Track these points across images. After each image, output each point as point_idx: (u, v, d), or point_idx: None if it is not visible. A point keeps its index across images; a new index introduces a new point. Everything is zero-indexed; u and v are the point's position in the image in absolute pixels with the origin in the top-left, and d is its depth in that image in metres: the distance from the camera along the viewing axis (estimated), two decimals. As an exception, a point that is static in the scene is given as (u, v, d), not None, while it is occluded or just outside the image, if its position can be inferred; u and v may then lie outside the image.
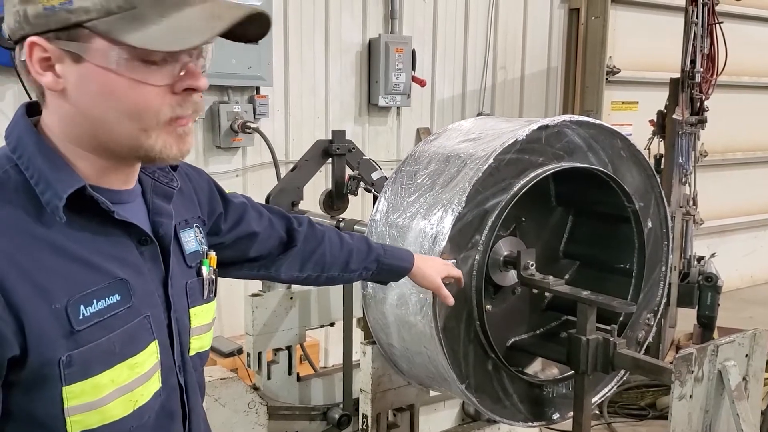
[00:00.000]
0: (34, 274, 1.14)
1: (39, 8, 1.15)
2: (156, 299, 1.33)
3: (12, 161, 1.21)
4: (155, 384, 1.32)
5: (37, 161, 1.20)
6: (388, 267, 2.08)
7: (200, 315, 1.47)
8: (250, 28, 1.24)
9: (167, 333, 1.36)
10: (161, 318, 1.34)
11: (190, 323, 1.44)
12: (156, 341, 1.31)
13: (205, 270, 1.49)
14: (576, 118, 2.60)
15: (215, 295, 1.54)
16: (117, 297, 1.24)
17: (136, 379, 1.27)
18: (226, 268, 1.77)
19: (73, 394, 1.19)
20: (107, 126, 1.20)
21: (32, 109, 1.29)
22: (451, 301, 2.18)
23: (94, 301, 1.20)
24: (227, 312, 5.21)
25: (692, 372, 2.31)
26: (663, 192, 2.87)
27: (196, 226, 1.52)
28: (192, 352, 1.45)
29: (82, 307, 1.19)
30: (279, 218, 1.92)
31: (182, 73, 1.21)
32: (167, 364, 1.36)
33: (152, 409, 1.32)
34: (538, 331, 2.91)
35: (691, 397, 2.33)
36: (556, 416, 2.74)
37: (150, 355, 1.30)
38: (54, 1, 1.13)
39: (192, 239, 1.49)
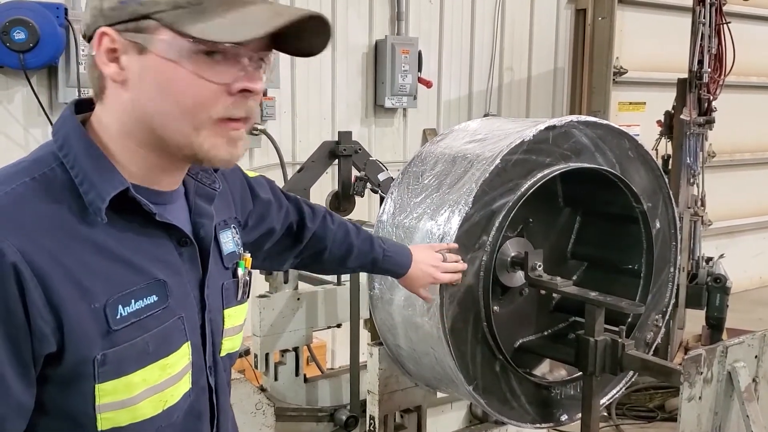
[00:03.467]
0: (77, 274, 1.16)
1: (114, 1, 1.18)
2: (191, 300, 1.34)
3: (59, 159, 1.22)
4: (186, 385, 1.33)
5: (82, 161, 1.21)
6: (383, 270, 2.15)
7: (234, 316, 1.47)
8: (312, 39, 1.25)
9: (200, 334, 1.36)
10: (195, 319, 1.35)
11: (223, 324, 1.44)
12: (189, 342, 1.32)
13: (240, 271, 1.49)
14: (583, 118, 2.59)
15: (248, 297, 1.54)
16: (154, 297, 1.25)
17: (167, 379, 1.28)
18: None
19: (105, 392, 1.20)
20: (162, 120, 1.21)
21: (81, 107, 1.30)
22: (427, 298, 2.26)
23: (132, 301, 1.21)
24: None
25: (701, 373, 2.30)
26: (671, 192, 2.86)
27: (233, 226, 1.53)
28: (223, 353, 1.46)
29: (120, 306, 1.20)
30: (294, 211, 1.92)
31: (241, 74, 1.21)
32: (198, 364, 1.36)
33: (181, 409, 1.33)
34: (545, 333, 2.90)
35: (700, 398, 2.31)
36: (564, 418, 2.73)
37: (182, 357, 1.30)
38: None
39: (230, 240, 1.49)
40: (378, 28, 5.87)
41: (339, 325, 3.68)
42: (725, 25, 5.22)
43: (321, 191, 3.72)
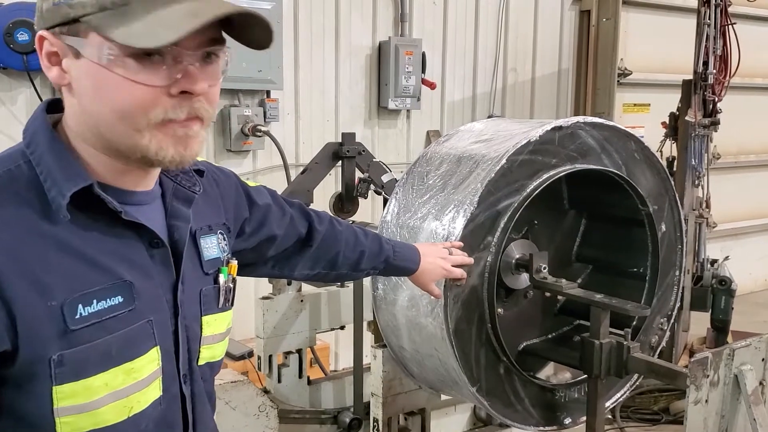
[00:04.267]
0: (35, 270, 1.13)
1: (49, 3, 1.18)
2: (163, 304, 1.30)
3: (26, 156, 1.21)
4: (155, 392, 1.29)
5: (47, 158, 1.20)
6: (395, 268, 2.11)
7: (213, 324, 1.43)
8: (256, 32, 1.21)
9: (173, 340, 1.32)
10: (167, 324, 1.31)
11: (201, 331, 1.40)
12: (158, 347, 1.28)
13: (222, 278, 1.45)
14: (590, 119, 2.57)
15: (232, 304, 1.50)
16: (119, 299, 1.21)
17: (132, 384, 1.24)
18: (244, 268, 1.74)
19: (64, 395, 1.17)
20: (104, 124, 1.19)
21: (55, 107, 1.29)
22: (439, 294, 2.22)
23: (95, 301, 1.18)
24: (238, 315, 5.19)
25: (708, 376, 2.28)
26: (677, 195, 2.84)
27: (220, 232, 1.50)
28: (201, 362, 1.41)
29: (80, 306, 1.17)
30: (301, 216, 1.90)
31: (179, 76, 1.17)
32: (170, 372, 1.32)
33: (150, 418, 1.29)
34: (549, 336, 2.88)
35: (706, 401, 2.29)
36: (567, 421, 2.71)
37: (150, 362, 1.27)
38: None
39: (214, 246, 1.46)
40: (381, 29, 5.85)
41: (342, 327, 3.67)
42: (730, 27, 5.19)
43: (324, 193, 3.71)
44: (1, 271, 1.11)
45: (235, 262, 1.51)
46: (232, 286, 1.49)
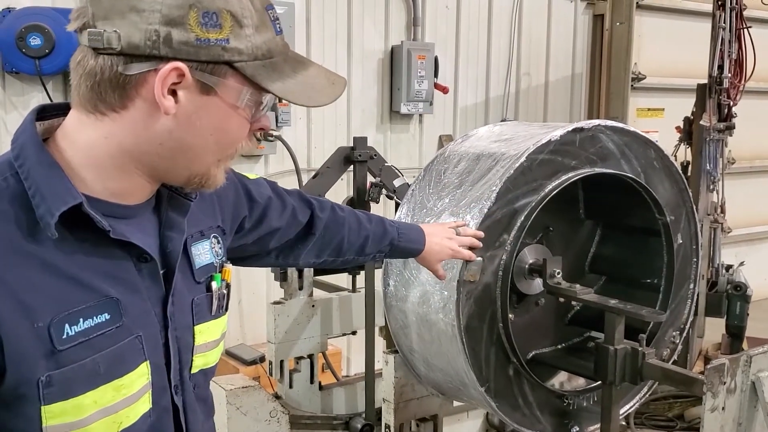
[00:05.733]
0: (19, 292, 1.11)
1: (190, 37, 1.15)
2: (152, 318, 1.28)
3: (13, 169, 1.17)
4: (144, 405, 1.28)
5: (36, 172, 1.16)
6: (401, 250, 2.09)
7: (206, 332, 1.42)
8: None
9: (163, 353, 1.31)
10: (157, 337, 1.29)
11: (194, 341, 1.38)
12: (147, 362, 1.26)
13: (215, 285, 1.43)
14: (611, 123, 2.55)
15: (226, 310, 1.48)
16: (106, 316, 1.19)
17: (122, 400, 1.23)
18: (246, 260, 1.79)
19: (53, 414, 1.15)
20: (197, 152, 1.24)
21: (44, 113, 1.26)
22: (443, 275, 2.18)
23: (81, 319, 1.16)
24: (250, 320, 5.21)
25: (725, 383, 2.25)
26: (695, 207, 2.80)
27: (213, 236, 1.48)
28: (195, 370, 1.40)
29: (67, 326, 1.15)
30: (302, 206, 1.89)
31: (259, 116, 1.29)
32: (160, 384, 1.31)
33: (140, 431, 1.28)
34: (559, 346, 2.85)
35: (723, 409, 2.26)
36: (575, 429, 2.68)
37: (140, 377, 1.25)
38: (210, 34, 1.16)
39: (206, 251, 1.44)
40: (394, 33, 5.85)
41: (354, 333, 3.66)
42: (745, 30, 5.15)
43: (336, 197, 3.69)
44: None
45: (229, 267, 1.49)
46: (225, 292, 1.47)
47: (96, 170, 1.21)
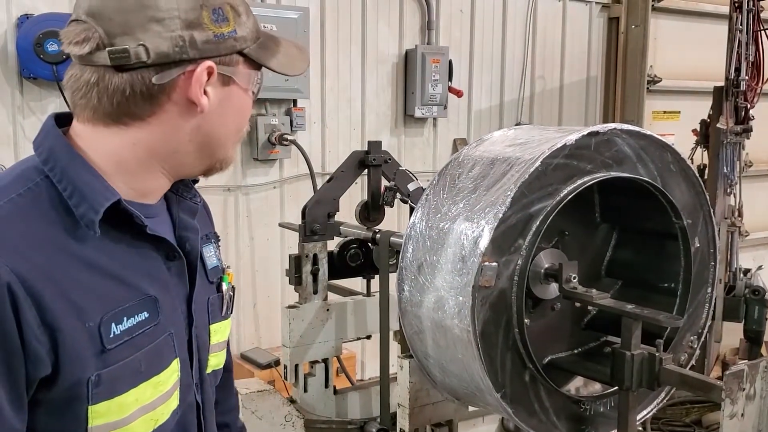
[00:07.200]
0: (70, 292, 1.13)
1: (209, 35, 1.21)
2: (179, 315, 1.32)
3: (43, 173, 1.19)
4: (174, 402, 1.31)
5: (70, 173, 1.18)
6: None
7: (219, 332, 1.46)
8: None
9: (187, 350, 1.34)
10: (183, 335, 1.33)
11: (209, 340, 1.42)
12: (178, 359, 1.30)
13: (224, 286, 1.49)
14: (626, 127, 2.53)
15: (231, 312, 1.53)
16: (146, 314, 1.22)
17: (159, 397, 1.25)
18: None
19: (98, 414, 1.17)
20: (220, 141, 1.31)
21: (60, 121, 1.28)
22: None
23: (125, 318, 1.19)
24: (265, 324, 5.21)
25: (744, 389, 2.23)
26: (712, 211, 2.78)
27: (213, 241, 1.52)
28: (209, 370, 1.44)
29: (113, 324, 1.17)
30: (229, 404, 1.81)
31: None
32: (186, 381, 1.34)
33: (169, 427, 1.31)
34: (575, 351, 2.83)
35: (742, 415, 2.24)
36: (592, 435, 2.66)
37: (172, 373, 1.28)
38: (224, 29, 1.22)
39: (213, 254, 1.49)
40: (408, 37, 5.85)
41: (369, 337, 3.65)
42: (763, 32, 5.12)
43: (350, 201, 3.70)
44: (41, 295, 1.10)
45: (231, 270, 1.54)
46: (232, 294, 1.52)
47: (122, 173, 1.24)
